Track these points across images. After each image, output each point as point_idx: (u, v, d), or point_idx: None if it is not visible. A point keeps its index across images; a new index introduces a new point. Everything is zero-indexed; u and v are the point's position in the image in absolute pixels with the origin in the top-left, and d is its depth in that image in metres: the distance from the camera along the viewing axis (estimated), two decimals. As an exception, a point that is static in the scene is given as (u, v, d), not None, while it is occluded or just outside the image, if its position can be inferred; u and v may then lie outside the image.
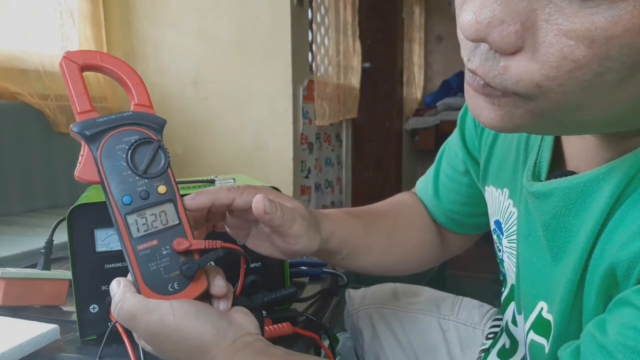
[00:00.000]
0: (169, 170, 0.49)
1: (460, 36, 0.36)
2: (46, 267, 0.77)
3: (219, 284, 0.49)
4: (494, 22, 0.32)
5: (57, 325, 0.59)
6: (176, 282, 0.47)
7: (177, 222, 0.48)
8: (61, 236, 0.71)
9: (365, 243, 0.65)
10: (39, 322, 0.59)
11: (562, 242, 0.44)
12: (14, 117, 1.75)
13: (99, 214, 0.60)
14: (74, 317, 0.60)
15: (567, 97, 0.32)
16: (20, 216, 1.70)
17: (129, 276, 0.48)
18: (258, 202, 0.51)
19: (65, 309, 0.70)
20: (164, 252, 0.47)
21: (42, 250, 0.78)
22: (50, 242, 0.78)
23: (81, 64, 0.48)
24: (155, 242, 0.47)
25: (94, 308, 0.60)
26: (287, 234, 0.54)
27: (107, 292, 0.60)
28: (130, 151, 0.47)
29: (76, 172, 0.47)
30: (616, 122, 0.36)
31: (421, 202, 0.76)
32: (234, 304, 0.50)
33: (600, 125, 0.36)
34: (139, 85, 0.50)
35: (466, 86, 0.38)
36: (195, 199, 0.50)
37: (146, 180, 0.47)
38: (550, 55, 0.31)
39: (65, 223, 0.59)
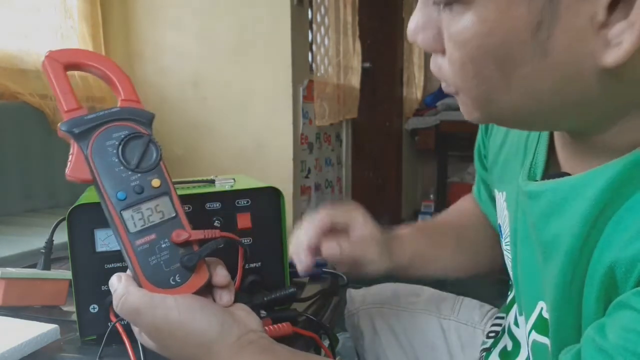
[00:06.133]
0: (161, 163, 0.48)
1: None
2: (46, 267, 0.77)
3: (221, 273, 0.49)
4: (417, 29, 0.39)
5: (57, 325, 0.59)
6: (177, 275, 0.47)
7: (174, 214, 0.48)
8: (61, 236, 0.71)
9: (433, 254, 0.72)
10: (39, 322, 0.59)
11: (544, 242, 0.44)
12: (14, 117, 1.75)
13: (99, 214, 0.59)
14: (74, 317, 0.60)
15: (476, 92, 0.38)
16: (20, 216, 1.70)
17: (129, 272, 0.48)
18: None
19: (65, 309, 0.70)
20: (163, 246, 0.47)
21: (42, 250, 0.78)
22: (50, 242, 0.78)
23: (64, 62, 0.48)
24: (153, 236, 0.47)
25: (94, 308, 0.60)
26: (361, 261, 0.63)
27: (107, 292, 0.60)
28: (121, 147, 0.47)
29: (67, 171, 0.46)
30: (543, 120, 0.40)
31: (478, 205, 0.78)
32: (235, 300, 0.50)
33: (535, 120, 0.40)
34: (124, 80, 0.50)
35: None
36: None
37: (139, 175, 0.47)
38: (447, 55, 0.37)
39: (65, 223, 0.59)
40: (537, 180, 0.46)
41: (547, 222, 0.43)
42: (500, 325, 0.70)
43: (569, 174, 0.43)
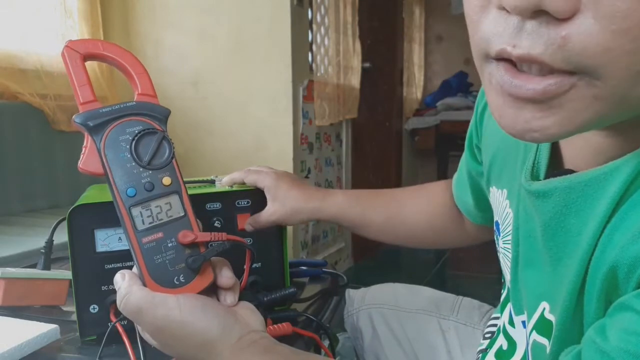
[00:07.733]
0: (173, 161, 0.48)
1: (486, 29, 0.33)
2: (46, 267, 0.77)
3: (226, 275, 0.49)
4: None
5: (57, 325, 0.59)
6: (182, 275, 0.47)
7: (183, 214, 0.48)
8: (61, 236, 0.71)
9: (362, 221, 0.77)
10: (39, 322, 0.59)
11: (561, 242, 0.43)
12: (14, 117, 1.75)
13: (99, 214, 0.60)
14: (74, 317, 0.60)
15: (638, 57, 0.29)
16: (20, 216, 1.69)
17: (134, 269, 0.47)
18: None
19: (65, 309, 0.70)
20: (169, 245, 0.47)
21: (42, 250, 0.78)
22: (50, 242, 0.78)
23: (83, 53, 0.47)
24: (160, 234, 0.46)
25: (94, 308, 0.60)
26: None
27: (107, 292, 0.60)
28: (134, 142, 0.46)
29: (80, 164, 0.46)
30: None
31: (449, 189, 0.78)
32: (240, 299, 0.50)
33: None
34: (142, 75, 0.49)
35: (499, 101, 0.34)
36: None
37: (150, 172, 0.47)
38: (619, 3, 0.27)
39: (65, 223, 0.59)
40: (540, 180, 0.45)
41: (561, 221, 0.42)
42: (496, 325, 0.70)
43: (573, 171, 0.42)
